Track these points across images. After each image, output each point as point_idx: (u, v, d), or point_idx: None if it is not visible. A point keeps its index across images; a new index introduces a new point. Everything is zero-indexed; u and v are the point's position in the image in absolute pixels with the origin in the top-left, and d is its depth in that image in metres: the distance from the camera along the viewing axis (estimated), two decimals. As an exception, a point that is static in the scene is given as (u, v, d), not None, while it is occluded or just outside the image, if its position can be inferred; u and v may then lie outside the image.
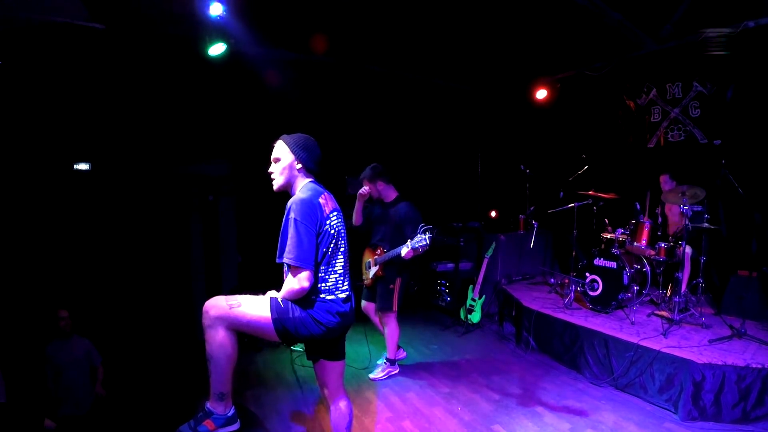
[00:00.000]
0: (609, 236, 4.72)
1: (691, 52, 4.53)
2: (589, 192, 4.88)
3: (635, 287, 4.29)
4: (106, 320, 4.89)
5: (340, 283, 2.18)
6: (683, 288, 4.18)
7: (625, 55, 5.33)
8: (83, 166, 5.17)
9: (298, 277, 2.00)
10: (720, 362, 3.12)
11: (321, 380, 2.32)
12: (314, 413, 3.39)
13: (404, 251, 3.39)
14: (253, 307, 2.04)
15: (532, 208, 5.97)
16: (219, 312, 2.01)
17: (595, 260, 4.51)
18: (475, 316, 5.23)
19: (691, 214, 4.02)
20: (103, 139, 5.10)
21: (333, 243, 2.15)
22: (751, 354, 3.28)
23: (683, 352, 3.27)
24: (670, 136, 5.28)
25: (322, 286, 2.12)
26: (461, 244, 5.91)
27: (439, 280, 6.01)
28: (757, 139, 4.44)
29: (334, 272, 2.15)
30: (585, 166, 5.26)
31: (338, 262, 2.18)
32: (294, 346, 4.23)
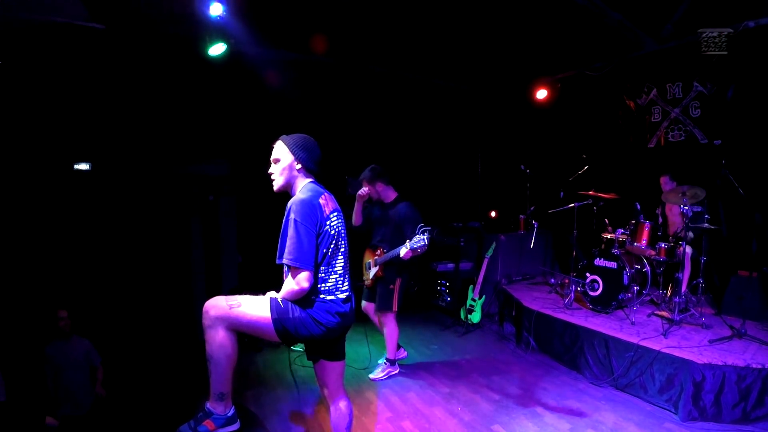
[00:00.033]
0: (609, 236, 4.73)
1: (692, 52, 4.52)
2: (590, 192, 4.88)
3: (635, 287, 4.29)
4: (106, 320, 4.89)
5: (340, 284, 2.18)
6: (683, 288, 4.18)
7: (625, 55, 5.33)
8: (83, 166, 5.18)
9: (298, 278, 2.00)
10: (720, 362, 3.11)
11: (321, 380, 2.32)
12: (314, 413, 3.40)
13: (403, 252, 3.40)
14: (253, 307, 2.04)
15: (532, 208, 5.96)
16: (219, 312, 2.01)
17: (596, 260, 4.51)
18: (476, 316, 5.23)
19: (692, 215, 4.02)
20: (104, 139, 5.11)
21: (333, 243, 2.14)
22: (752, 354, 3.28)
23: (683, 353, 3.27)
24: (670, 136, 5.27)
25: (322, 287, 2.12)
26: (461, 244, 5.91)
27: (439, 280, 6.01)
28: (758, 139, 4.44)
29: (334, 272, 2.15)
30: (585, 166, 5.26)
31: (338, 263, 2.18)
32: (294, 346, 4.23)
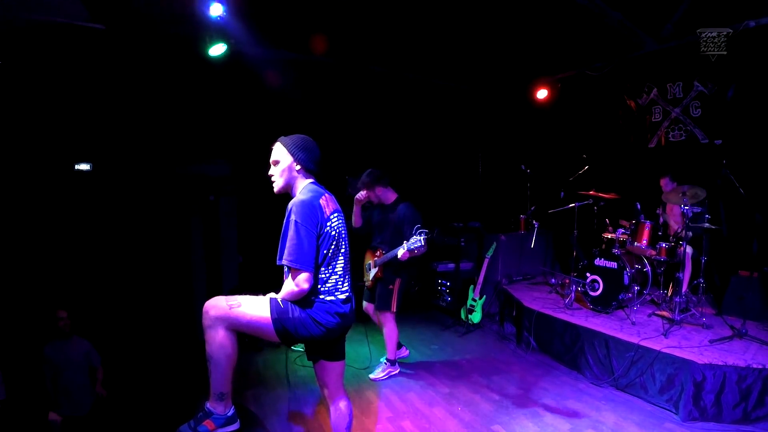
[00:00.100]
0: (610, 236, 4.72)
1: (692, 52, 4.51)
2: (590, 192, 4.87)
3: (636, 287, 4.28)
4: (106, 320, 4.89)
5: (340, 284, 2.18)
6: (684, 288, 4.18)
7: (625, 55, 5.33)
8: (84, 167, 5.18)
9: (298, 279, 2.00)
10: (721, 362, 3.11)
11: (321, 380, 2.32)
12: (314, 413, 3.40)
13: (400, 252, 3.41)
14: (253, 307, 2.04)
15: (532, 208, 5.96)
16: (219, 312, 2.01)
17: (596, 260, 4.51)
18: (476, 316, 5.23)
19: (692, 215, 4.02)
20: (104, 140, 5.11)
21: (333, 244, 2.14)
22: (752, 354, 3.27)
23: (684, 353, 3.26)
24: (671, 135, 5.27)
25: (321, 287, 2.12)
26: (462, 244, 5.91)
27: (439, 280, 6.01)
28: (758, 139, 4.44)
29: (334, 273, 2.15)
30: (586, 166, 5.25)
31: (339, 264, 2.18)
32: (294, 346, 4.23)
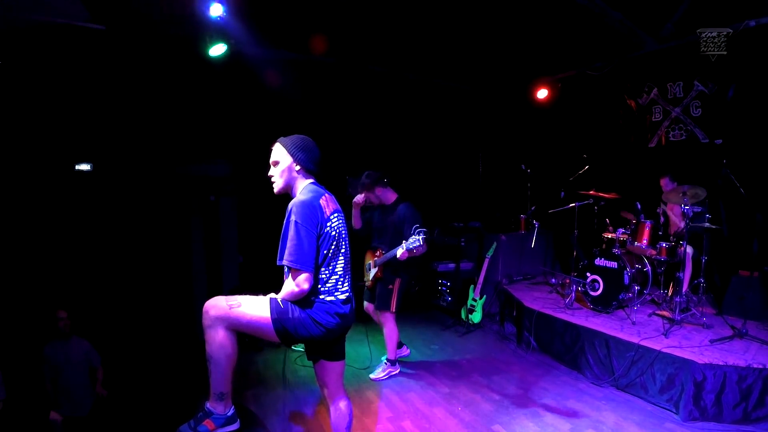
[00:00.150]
0: (610, 236, 4.72)
1: (692, 52, 4.51)
2: (590, 192, 4.87)
3: (636, 287, 4.28)
4: (106, 321, 4.89)
5: (340, 284, 2.18)
6: (684, 288, 4.17)
7: (625, 55, 5.33)
8: (84, 167, 5.19)
9: (298, 280, 2.00)
10: (721, 362, 3.11)
11: (321, 380, 2.33)
12: (314, 413, 3.40)
13: (399, 252, 3.41)
14: (253, 307, 2.04)
15: (533, 208, 5.96)
16: (219, 312, 2.01)
17: (596, 260, 4.51)
18: (476, 316, 5.22)
19: (692, 214, 4.02)
20: (105, 140, 5.12)
21: (334, 245, 2.15)
22: (753, 354, 3.27)
23: (684, 353, 3.26)
24: (671, 135, 5.26)
25: (322, 287, 2.12)
26: (462, 244, 5.91)
27: (440, 280, 6.01)
28: (759, 139, 4.43)
29: (334, 273, 2.15)
30: (586, 166, 5.25)
31: (339, 264, 2.18)
32: (294, 346, 4.23)
